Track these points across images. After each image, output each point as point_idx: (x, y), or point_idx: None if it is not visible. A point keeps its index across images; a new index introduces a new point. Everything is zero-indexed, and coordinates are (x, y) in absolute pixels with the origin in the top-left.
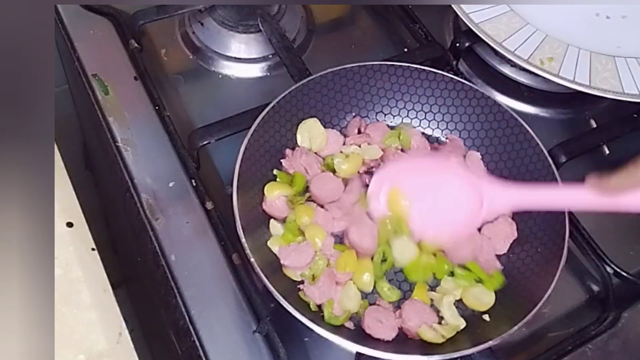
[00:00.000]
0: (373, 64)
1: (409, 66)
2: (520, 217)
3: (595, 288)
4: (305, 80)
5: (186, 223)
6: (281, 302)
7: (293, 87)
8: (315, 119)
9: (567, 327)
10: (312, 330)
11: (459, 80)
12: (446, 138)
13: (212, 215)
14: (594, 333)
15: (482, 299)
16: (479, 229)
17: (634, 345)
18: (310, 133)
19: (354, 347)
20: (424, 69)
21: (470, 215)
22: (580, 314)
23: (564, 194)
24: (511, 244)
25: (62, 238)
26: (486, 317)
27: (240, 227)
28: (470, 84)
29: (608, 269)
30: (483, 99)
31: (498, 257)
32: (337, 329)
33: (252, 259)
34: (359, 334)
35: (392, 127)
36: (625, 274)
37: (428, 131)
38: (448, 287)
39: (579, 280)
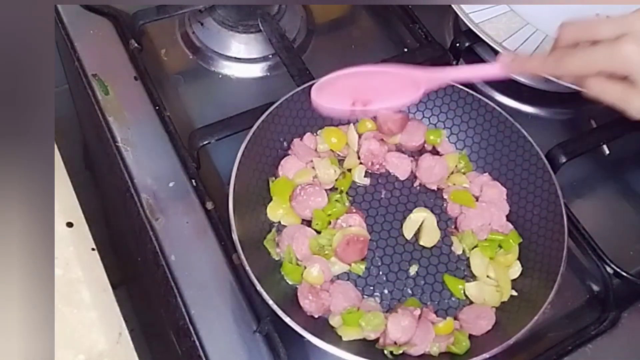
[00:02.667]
0: None
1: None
2: (518, 223)
3: (595, 288)
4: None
5: (186, 223)
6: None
7: (293, 92)
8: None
9: (567, 327)
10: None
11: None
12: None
13: (212, 215)
14: (594, 333)
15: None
16: (477, 198)
17: (634, 345)
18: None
19: None
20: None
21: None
22: (580, 314)
23: (478, 70)
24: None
25: (62, 238)
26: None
27: (237, 239)
28: (460, 87)
29: (608, 269)
30: (469, 96)
31: None
32: (342, 343)
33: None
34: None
35: None
36: (625, 274)
37: None
38: (478, 261)
39: (579, 280)
